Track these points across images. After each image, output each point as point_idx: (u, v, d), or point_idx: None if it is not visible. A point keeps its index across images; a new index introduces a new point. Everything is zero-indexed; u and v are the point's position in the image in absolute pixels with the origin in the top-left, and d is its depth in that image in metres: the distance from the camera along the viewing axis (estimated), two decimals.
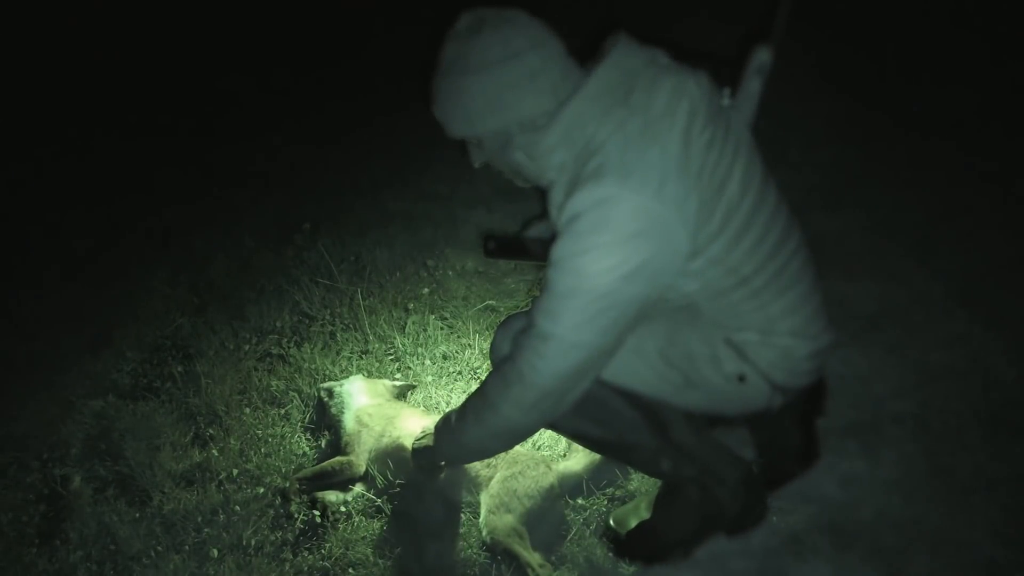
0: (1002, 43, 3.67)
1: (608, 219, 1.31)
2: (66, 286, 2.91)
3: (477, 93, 1.39)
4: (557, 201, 1.41)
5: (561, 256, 1.35)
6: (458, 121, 1.44)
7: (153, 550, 1.90)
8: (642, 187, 1.29)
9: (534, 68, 1.37)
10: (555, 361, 1.40)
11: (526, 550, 1.81)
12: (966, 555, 1.76)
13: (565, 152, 1.40)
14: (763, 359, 1.50)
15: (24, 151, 3.97)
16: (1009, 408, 2.09)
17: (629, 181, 1.30)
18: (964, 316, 2.38)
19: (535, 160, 1.44)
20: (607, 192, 1.30)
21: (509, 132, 1.43)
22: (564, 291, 1.36)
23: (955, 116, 3.33)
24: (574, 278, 1.34)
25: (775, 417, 1.62)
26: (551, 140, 1.39)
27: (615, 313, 1.37)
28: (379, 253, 2.95)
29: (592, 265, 1.32)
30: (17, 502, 2.05)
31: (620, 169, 1.31)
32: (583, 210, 1.32)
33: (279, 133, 4.01)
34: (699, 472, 1.67)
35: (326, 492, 2.04)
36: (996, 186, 2.92)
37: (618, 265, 1.32)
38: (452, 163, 3.61)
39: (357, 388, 2.24)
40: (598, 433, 1.64)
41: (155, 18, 5.20)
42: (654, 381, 1.57)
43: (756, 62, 1.59)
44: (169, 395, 2.38)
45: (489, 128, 1.43)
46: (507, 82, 1.38)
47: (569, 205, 1.33)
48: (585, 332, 1.37)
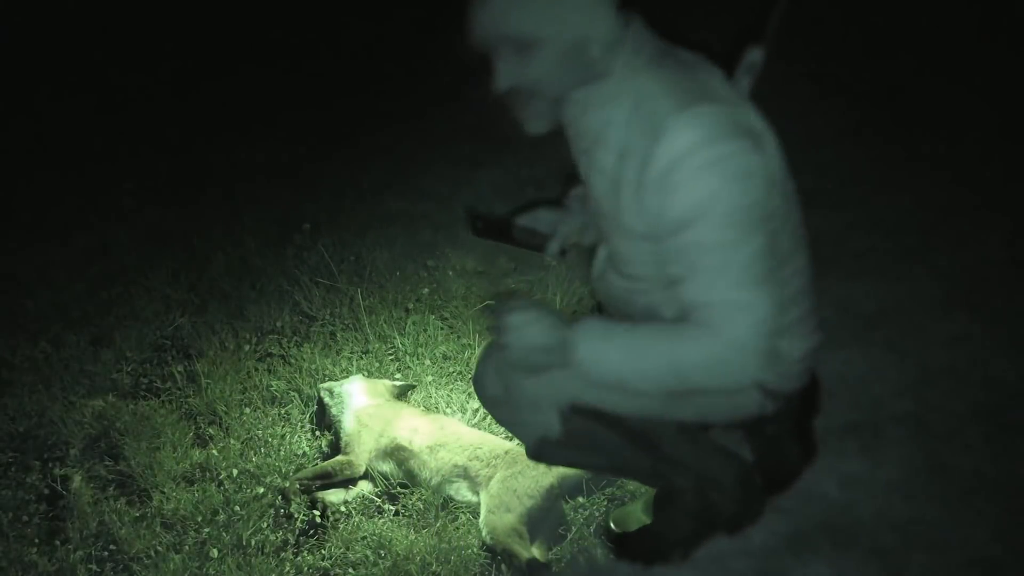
0: (1002, 43, 3.67)
1: (707, 149, 1.22)
2: (66, 286, 2.91)
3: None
4: (605, 163, 1.32)
5: (690, 215, 1.24)
6: (533, 14, 1.24)
7: (153, 550, 1.90)
8: (717, 115, 1.24)
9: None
10: (762, 329, 1.29)
11: (526, 550, 1.81)
12: (966, 555, 1.76)
13: (618, 103, 1.29)
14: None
15: (24, 151, 3.97)
16: (1009, 408, 2.09)
17: (702, 114, 1.23)
18: (964, 316, 2.38)
19: (587, 114, 1.33)
20: (686, 133, 1.22)
21: (585, 47, 1.26)
22: (731, 241, 1.25)
23: (955, 116, 3.33)
24: (726, 220, 1.24)
25: (769, 421, 1.59)
26: (609, 89, 1.29)
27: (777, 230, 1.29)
28: (379, 253, 2.94)
29: (733, 199, 1.23)
30: (17, 502, 2.05)
31: (689, 104, 1.24)
32: (674, 157, 1.22)
33: (279, 133, 4.01)
34: (696, 480, 1.66)
35: (326, 492, 2.05)
36: (995, 186, 2.92)
37: (747, 181, 1.24)
38: (452, 163, 3.61)
39: (357, 388, 2.24)
40: (590, 462, 1.62)
41: (155, 17, 5.20)
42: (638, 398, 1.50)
43: (747, 61, 1.60)
44: (169, 395, 2.38)
45: (573, 33, 1.25)
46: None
47: (653, 163, 1.23)
48: (769, 274, 1.28)
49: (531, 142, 1.45)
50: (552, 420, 1.53)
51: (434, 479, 2.01)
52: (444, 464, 2.01)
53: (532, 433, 1.58)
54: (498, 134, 1.45)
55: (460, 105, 4.07)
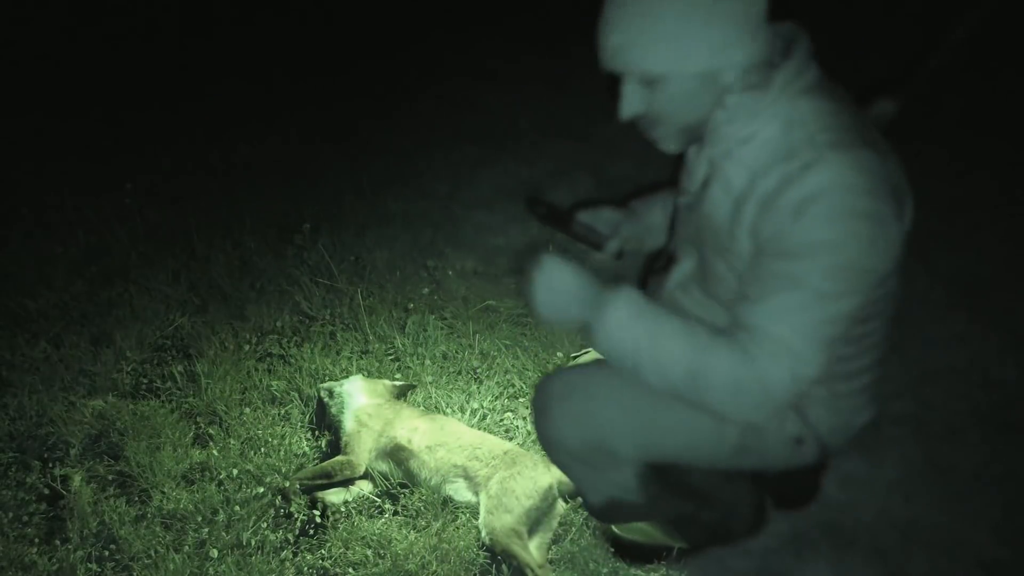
0: (1002, 43, 3.67)
1: (859, 198, 1.15)
2: (66, 286, 2.91)
3: (704, 22, 1.16)
4: (734, 179, 1.25)
5: (805, 249, 1.17)
6: (663, 50, 1.18)
7: (153, 550, 1.90)
8: (877, 168, 1.18)
9: (761, 12, 1.19)
10: (800, 380, 1.23)
11: (525, 550, 1.81)
12: (966, 555, 1.76)
13: (767, 122, 1.22)
14: (823, 423, 1.43)
15: (24, 150, 3.97)
16: (1009, 408, 2.09)
17: (867, 161, 1.17)
18: (964, 316, 2.38)
19: (733, 123, 1.24)
20: (845, 173, 1.16)
21: (714, 77, 1.21)
22: (828, 293, 1.18)
23: (955, 116, 3.33)
24: (836, 273, 1.17)
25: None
26: (765, 103, 1.22)
27: (856, 301, 1.22)
28: (379, 253, 2.95)
29: (855, 257, 1.17)
30: (17, 502, 2.05)
31: (857, 147, 1.18)
32: (823, 190, 1.15)
33: (279, 133, 4.01)
34: (722, 512, 1.67)
35: (326, 492, 2.05)
36: (995, 186, 2.92)
37: (874, 247, 1.18)
38: (452, 163, 3.62)
39: (357, 388, 2.24)
40: (648, 515, 1.63)
41: (155, 17, 5.20)
42: (708, 448, 1.46)
43: (877, 110, 1.56)
44: (169, 395, 2.38)
45: (700, 66, 1.19)
46: (742, 18, 1.17)
47: (795, 187, 1.17)
48: (839, 338, 1.23)
49: (531, 142, 1.45)
50: (628, 476, 1.51)
51: (433, 479, 2.01)
52: (443, 464, 2.01)
53: (604, 491, 1.56)
54: (498, 134, 1.44)
55: (460, 105, 4.09)
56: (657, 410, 1.41)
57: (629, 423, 1.43)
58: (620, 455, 1.47)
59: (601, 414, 1.43)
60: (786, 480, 1.70)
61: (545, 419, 1.50)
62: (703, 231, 1.39)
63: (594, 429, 1.44)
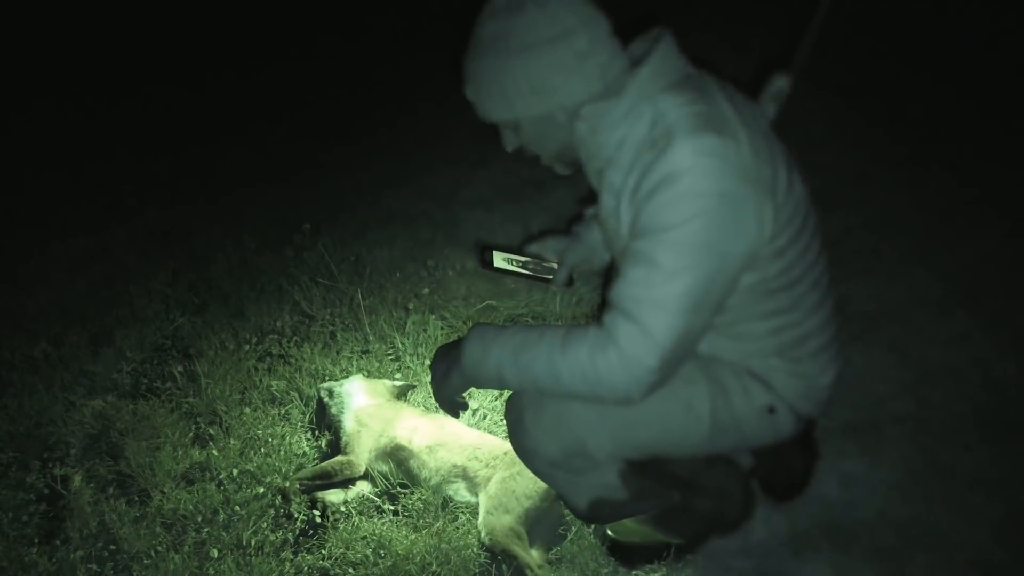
0: (1002, 43, 3.67)
1: (702, 179, 1.21)
2: (66, 286, 2.91)
3: (520, 76, 1.28)
4: (614, 181, 1.33)
5: (655, 227, 1.24)
6: (496, 104, 1.34)
7: (153, 550, 1.90)
8: (726, 152, 1.23)
9: (583, 49, 1.27)
10: (657, 354, 1.27)
11: (525, 551, 1.81)
12: (966, 555, 1.76)
13: (632, 123, 1.30)
14: (789, 390, 1.47)
15: (24, 149, 3.97)
16: (1009, 408, 2.09)
17: (712, 145, 1.22)
18: (964, 316, 2.38)
19: (598, 135, 1.33)
20: (690, 156, 1.22)
21: (552, 116, 1.33)
22: (671, 269, 1.23)
23: (955, 116, 3.33)
24: (679, 248, 1.23)
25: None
26: (622, 109, 1.30)
27: (722, 280, 1.27)
28: (379, 253, 2.95)
29: (697, 233, 1.22)
30: (17, 502, 2.05)
31: (703, 132, 1.23)
32: (670, 173, 1.22)
33: (279, 133, 4.01)
34: (713, 499, 1.67)
35: (326, 492, 2.05)
36: (996, 186, 2.92)
37: (721, 224, 1.23)
38: (452, 163, 3.61)
39: (357, 388, 2.24)
40: (635, 511, 1.62)
41: (155, 17, 5.20)
42: (684, 434, 1.48)
43: (773, 88, 1.58)
44: (169, 395, 2.38)
45: (532, 112, 1.32)
46: (554, 64, 1.27)
47: (650, 174, 1.24)
48: (690, 312, 1.26)
49: None
50: (610, 475, 1.52)
51: (433, 479, 2.01)
52: (443, 464, 2.01)
53: (587, 493, 1.56)
54: (498, 134, 1.44)
55: (460, 105, 4.09)
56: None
57: (603, 422, 1.45)
58: (598, 456, 1.49)
59: (574, 417, 1.45)
60: (774, 463, 1.73)
61: (520, 430, 1.52)
62: (608, 238, 1.48)
63: (570, 433, 1.46)
